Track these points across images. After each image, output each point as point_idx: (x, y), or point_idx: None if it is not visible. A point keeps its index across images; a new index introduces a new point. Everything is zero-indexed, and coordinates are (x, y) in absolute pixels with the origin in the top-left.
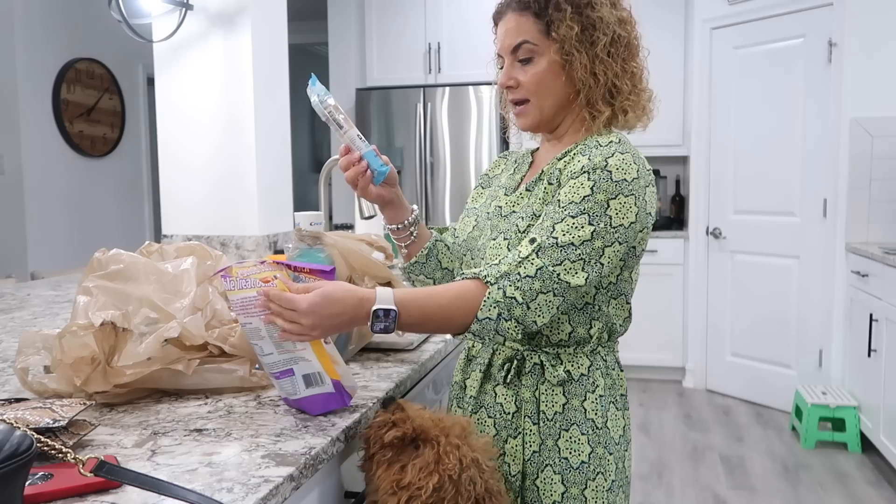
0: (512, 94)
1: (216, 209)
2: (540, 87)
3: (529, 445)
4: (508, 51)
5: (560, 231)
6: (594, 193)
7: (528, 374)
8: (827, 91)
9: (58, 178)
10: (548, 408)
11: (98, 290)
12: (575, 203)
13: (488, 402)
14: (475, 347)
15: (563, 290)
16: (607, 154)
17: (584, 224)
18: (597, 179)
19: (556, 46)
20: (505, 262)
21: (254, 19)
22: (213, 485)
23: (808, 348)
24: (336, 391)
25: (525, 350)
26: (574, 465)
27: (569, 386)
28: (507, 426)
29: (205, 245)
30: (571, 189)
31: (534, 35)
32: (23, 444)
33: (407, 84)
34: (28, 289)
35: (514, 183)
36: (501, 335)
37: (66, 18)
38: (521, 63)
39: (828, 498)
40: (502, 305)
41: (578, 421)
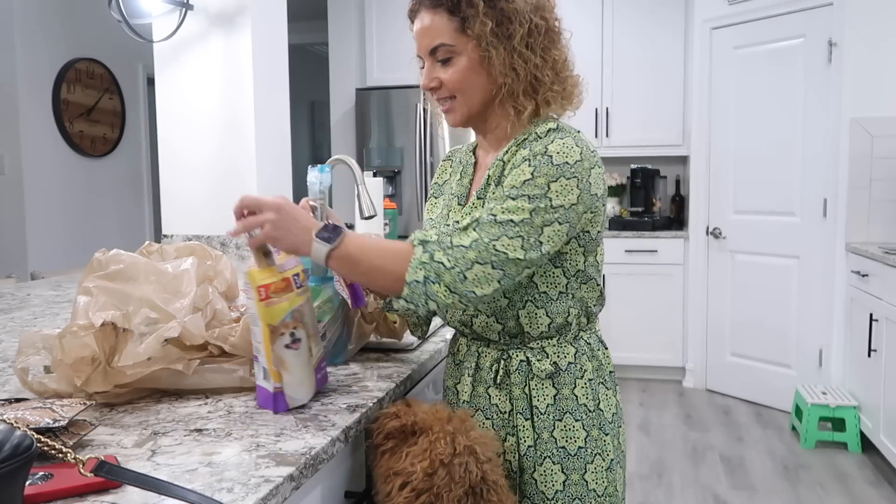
0: (437, 94)
1: (216, 209)
2: (463, 85)
3: (524, 441)
4: (426, 52)
5: (499, 210)
6: (534, 178)
7: (516, 372)
8: (827, 91)
9: (58, 178)
10: (540, 402)
11: (98, 291)
12: (516, 187)
13: (483, 405)
14: (460, 352)
15: (502, 262)
16: (547, 142)
17: (525, 205)
18: (537, 164)
19: (472, 43)
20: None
21: (254, 19)
22: (213, 485)
23: (808, 348)
24: (273, 394)
25: (510, 349)
26: (572, 452)
27: (557, 377)
28: (504, 425)
29: (205, 245)
30: (513, 177)
31: (450, 35)
32: (23, 444)
33: (407, 84)
34: (28, 289)
35: (464, 190)
36: (433, 300)
37: (66, 18)
38: (440, 63)
39: (828, 498)
40: (428, 268)
41: (571, 409)
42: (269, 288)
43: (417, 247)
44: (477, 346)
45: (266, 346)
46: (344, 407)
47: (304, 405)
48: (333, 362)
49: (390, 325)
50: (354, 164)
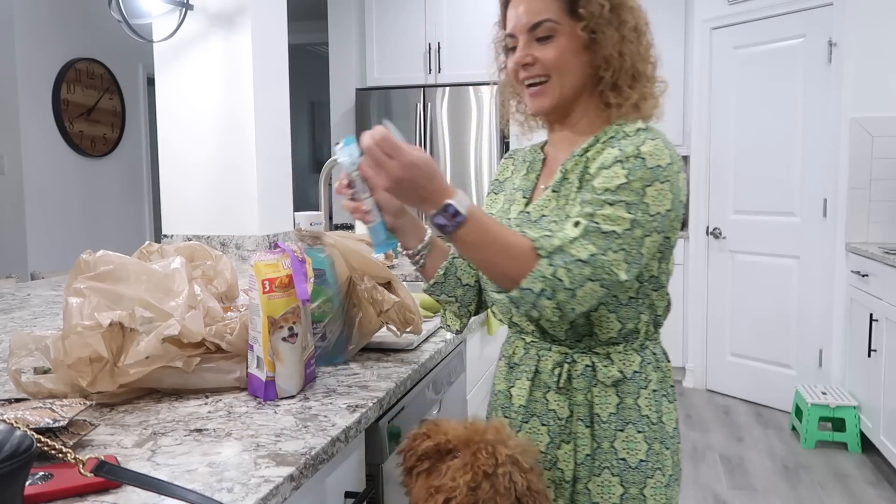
0: (528, 70)
1: (216, 209)
2: (560, 64)
3: (581, 449)
4: (525, 29)
5: (601, 218)
6: (630, 182)
7: (580, 377)
8: (827, 91)
9: (58, 178)
10: (602, 410)
11: (90, 291)
12: (611, 190)
13: (540, 410)
14: (517, 354)
15: (611, 283)
16: (638, 142)
17: (624, 213)
18: (631, 167)
19: (581, 24)
20: (557, 237)
21: (254, 19)
22: (213, 485)
23: (808, 348)
24: (265, 382)
25: (574, 353)
26: (632, 465)
27: (622, 385)
28: (560, 432)
29: (205, 245)
30: (605, 178)
31: (556, 13)
32: (23, 444)
33: (407, 84)
34: (28, 289)
35: (530, 184)
36: (538, 311)
37: (66, 18)
38: (538, 41)
39: (828, 498)
40: (548, 283)
41: (634, 419)
42: (273, 282)
43: (544, 259)
44: (537, 350)
45: (264, 336)
46: (344, 407)
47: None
48: (333, 362)
49: (407, 317)
50: None
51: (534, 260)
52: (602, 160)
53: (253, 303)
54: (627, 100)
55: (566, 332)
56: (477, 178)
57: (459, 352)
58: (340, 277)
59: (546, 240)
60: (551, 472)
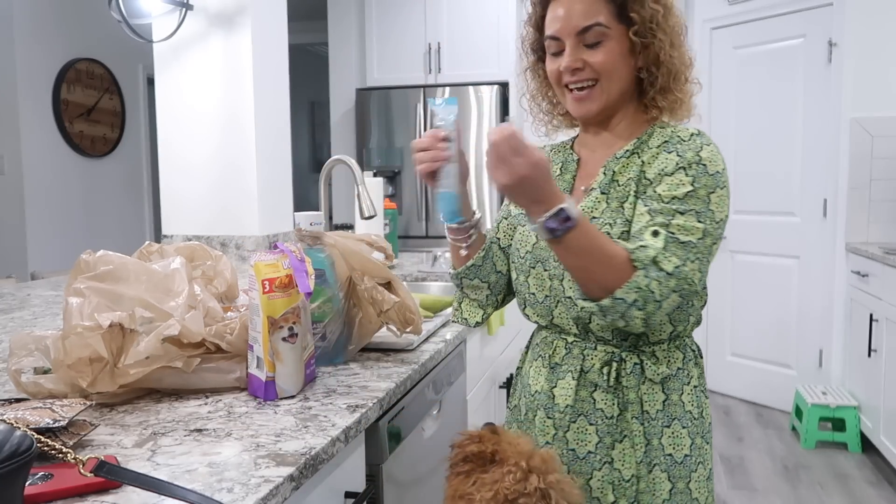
0: (577, 75)
1: (216, 209)
2: (609, 69)
3: (639, 447)
4: (574, 32)
5: (675, 228)
6: (696, 189)
7: (630, 376)
8: (827, 91)
9: (58, 178)
10: (650, 406)
11: (90, 292)
12: (678, 199)
13: (587, 409)
14: (557, 354)
15: (689, 293)
16: (696, 148)
17: (695, 223)
18: (695, 175)
19: (633, 29)
20: (651, 248)
21: (254, 19)
22: (213, 485)
23: (808, 348)
24: (265, 383)
25: (622, 351)
26: (678, 460)
27: (668, 382)
28: (610, 431)
29: (205, 245)
30: (670, 186)
31: (606, 17)
32: (23, 444)
33: (407, 84)
34: (28, 289)
35: (567, 185)
36: (625, 320)
37: (66, 18)
38: (587, 46)
39: (828, 498)
40: (641, 294)
41: (679, 415)
42: (273, 282)
43: (640, 270)
44: (580, 349)
45: (264, 336)
46: (344, 407)
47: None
48: (333, 362)
49: (407, 317)
50: (354, 164)
51: (630, 271)
52: (661, 166)
53: (253, 303)
54: (673, 103)
55: (613, 332)
56: (477, 178)
57: (459, 352)
58: (340, 277)
59: (642, 251)
60: (608, 472)
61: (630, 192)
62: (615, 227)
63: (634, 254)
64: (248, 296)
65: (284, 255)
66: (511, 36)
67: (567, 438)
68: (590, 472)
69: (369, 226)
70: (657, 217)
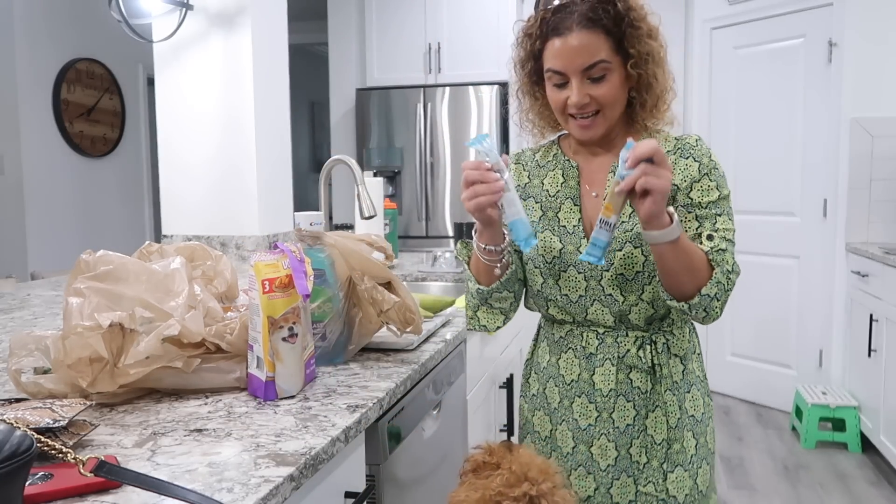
0: (584, 109)
1: (216, 209)
2: (611, 101)
3: (673, 414)
4: (579, 69)
5: (722, 230)
6: (720, 190)
7: (660, 354)
8: (827, 91)
9: (58, 178)
10: (677, 377)
11: (90, 291)
12: (714, 203)
13: (625, 390)
14: (591, 344)
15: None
16: (706, 153)
17: (728, 221)
18: (716, 178)
19: (631, 62)
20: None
21: (254, 19)
22: (213, 485)
23: (808, 348)
24: (265, 383)
25: (650, 334)
26: (698, 419)
27: (684, 354)
28: (645, 403)
29: (205, 245)
30: (702, 192)
31: (607, 52)
32: (23, 444)
33: (407, 84)
34: (28, 289)
35: (572, 192)
36: (706, 312)
37: (66, 18)
38: (591, 81)
39: (828, 498)
40: (720, 286)
41: (693, 381)
42: (273, 282)
43: (717, 268)
44: (613, 337)
45: (264, 336)
46: (344, 407)
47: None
48: (333, 362)
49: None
50: (354, 164)
51: (710, 269)
52: (686, 173)
53: (253, 303)
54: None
55: (645, 320)
56: None
57: (459, 352)
58: (340, 277)
59: (718, 254)
60: (643, 438)
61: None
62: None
63: (711, 254)
64: (248, 296)
65: (284, 255)
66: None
67: (613, 418)
68: (629, 441)
69: (369, 226)
70: (705, 222)
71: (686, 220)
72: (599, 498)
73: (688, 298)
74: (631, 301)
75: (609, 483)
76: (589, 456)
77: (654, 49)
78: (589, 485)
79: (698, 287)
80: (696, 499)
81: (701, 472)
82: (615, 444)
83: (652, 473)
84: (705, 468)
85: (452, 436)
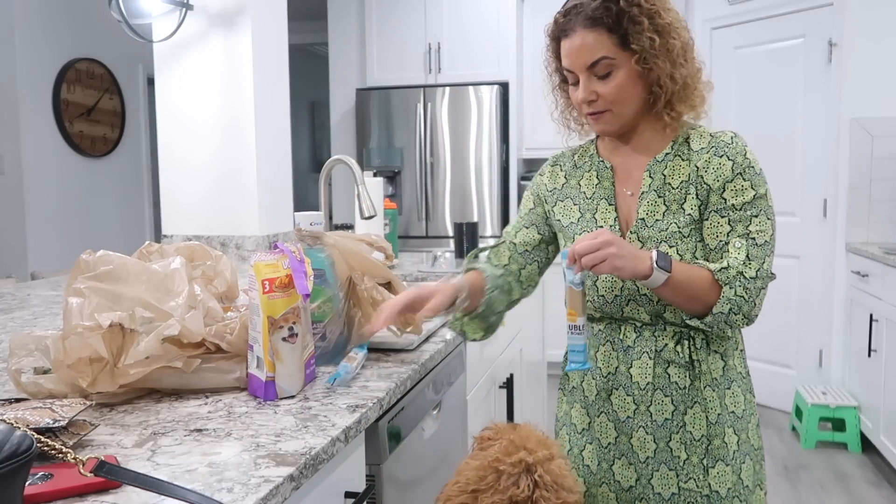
0: (592, 107)
1: (216, 209)
2: (620, 97)
3: (713, 410)
4: (584, 67)
5: (755, 232)
6: (756, 190)
7: (699, 350)
8: (827, 91)
9: (58, 178)
10: (716, 374)
11: (90, 292)
12: (749, 203)
13: (663, 384)
14: (629, 338)
15: (770, 281)
16: (741, 150)
17: (765, 220)
18: (752, 177)
19: (635, 57)
20: (732, 267)
21: (254, 19)
22: (213, 485)
23: (808, 348)
24: (265, 383)
25: (689, 330)
26: (739, 415)
27: (724, 351)
28: (683, 399)
29: (205, 245)
30: (736, 192)
31: (610, 49)
32: (23, 444)
33: (407, 84)
34: (28, 289)
35: (607, 192)
36: (729, 325)
37: (66, 18)
38: (598, 78)
39: (828, 498)
40: (734, 302)
41: (734, 377)
42: (273, 282)
43: (726, 286)
44: (651, 331)
45: (264, 336)
46: (344, 407)
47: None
48: (333, 362)
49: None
50: (354, 164)
51: (719, 288)
52: (718, 172)
53: (253, 303)
54: (681, 115)
55: (680, 317)
56: (477, 177)
57: (459, 352)
58: (340, 277)
59: (723, 273)
60: (682, 434)
61: (688, 194)
62: (685, 227)
63: (718, 275)
64: (248, 296)
65: (284, 255)
66: (511, 36)
67: (650, 412)
68: (668, 435)
69: (369, 226)
70: (737, 226)
71: (718, 224)
72: (640, 489)
73: (701, 317)
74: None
75: (650, 474)
76: (629, 447)
77: (658, 44)
78: (631, 475)
79: (707, 307)
80: (740, 492)
81: (745, 468)
82: (653, 436)
83: (692, 469)
84: (749, 463)
85: (452, 436)
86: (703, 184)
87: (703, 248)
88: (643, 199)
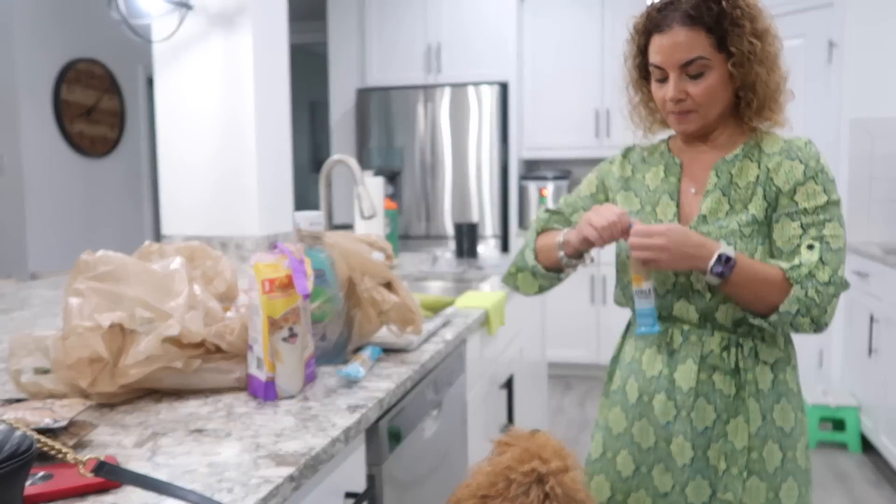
0: (679, 106)
1: (216, 209)
2: (709, 99)
3: (754, 421)
4: (678, 65)
5: (829, 237)
6: (829, 195)
7: (747, 358)
8: (827, 91)
9: (58, 178)
10: (764, 385)
11: (90, 292)
12: (821, 208)
13: (706, 390)
14: (675, 341)
15: (844, 289)
16: (814, 156)
17: (838, 227)
18: (824, 183)
19: (731, 60)
20: (805, 265)
21: (254, 19)
22: (213, 485)
23: (808, 348)
24: (265, 383)
25: (737, 336)
26: (787, 433)
27: (775, 363)
28: (727, 408)
29: (205, 245)
30: (807, 195)
31: (707, 50)
32: (23, 444)
33: (407, 84)
34: (28, 289)
35: (672, 187)
36: (793, 327)
37: (66, 19)
38: (689, 77)
39: (828, 498)
40: (802, 303)
41: (785, 392)
42: (273, 282)
43: (797, 285)
44: (698, 336)
45: (264, 336)
46: (344, 407)
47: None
48: (333, 362)
49: (407, 318)
50: (354, 164)
51: (788, 287)
52: (789, 175)
53: (253, 303)
54: (766, 120)
55: (733, 322)
56: (477, 178)
57: (459, 352)
58: (340, 277)
59: (795, 270)
60: (722, 444)
61: (755, 194)
62: (746, 228)
63: (789, 273)
64: (248, 296)
65: (284, 256)
66: (511, 36)
67: (691, 418)
68: (707, 444)
69: (369, 226)
70: (810, 230)
71: (789, 227)
72: (675, 497)
73: (765, 316)
74: (718, 299)
75: (684, 482)
76: (668, 452)
77: (758, 48)
78: (668, 481)
79: (772, 306)
80: None
81: (786, 487)
82: (692, 444)
83: (731, 481)
84: (792, 483)
85: (452, 436)
86: (773, 185)
87: (766, 251)
88: (707, 196)
